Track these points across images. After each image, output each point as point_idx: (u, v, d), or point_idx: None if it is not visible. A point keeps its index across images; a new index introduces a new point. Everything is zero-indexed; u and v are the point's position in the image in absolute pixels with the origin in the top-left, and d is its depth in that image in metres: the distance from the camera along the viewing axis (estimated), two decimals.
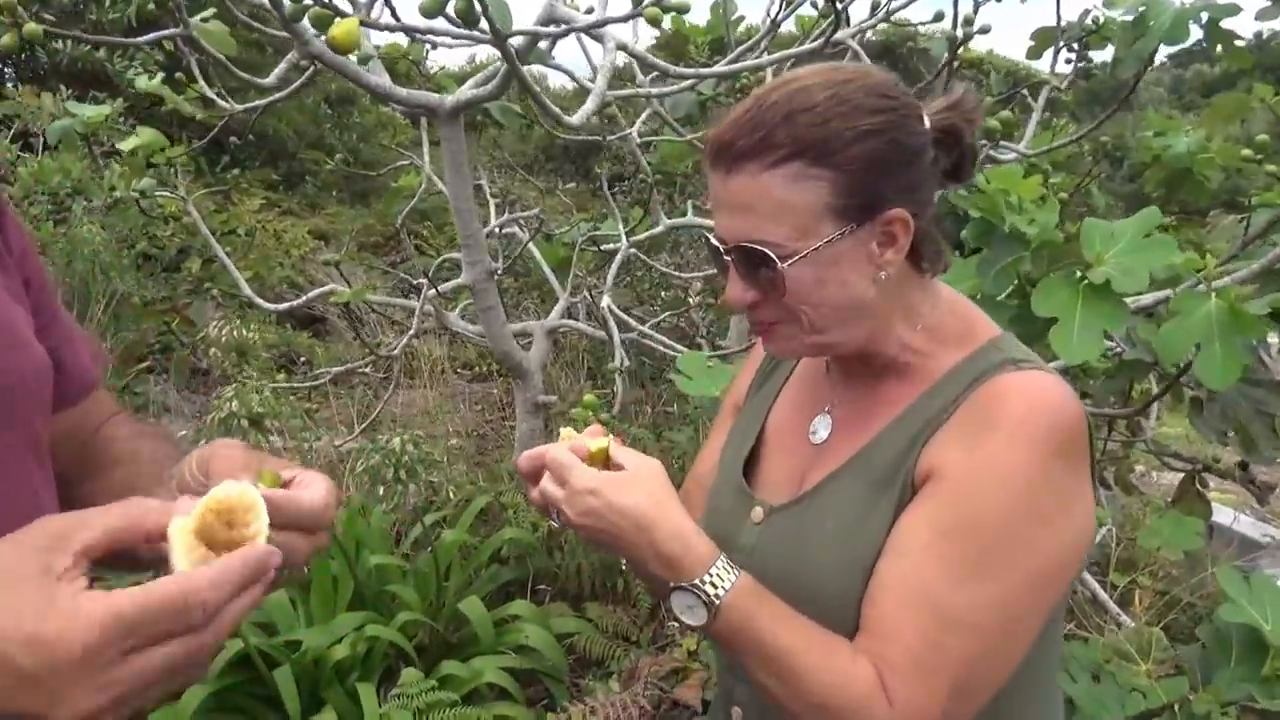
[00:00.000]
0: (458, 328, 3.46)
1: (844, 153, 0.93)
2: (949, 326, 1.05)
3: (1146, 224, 1.65)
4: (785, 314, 0.99)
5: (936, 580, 0.89)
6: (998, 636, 0.90)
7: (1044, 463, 0.91)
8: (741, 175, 0.95)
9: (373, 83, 2.64)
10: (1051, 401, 0.93)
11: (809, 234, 0.94)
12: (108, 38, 2.16)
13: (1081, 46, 3.36)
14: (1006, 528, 0.90)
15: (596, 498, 0.91)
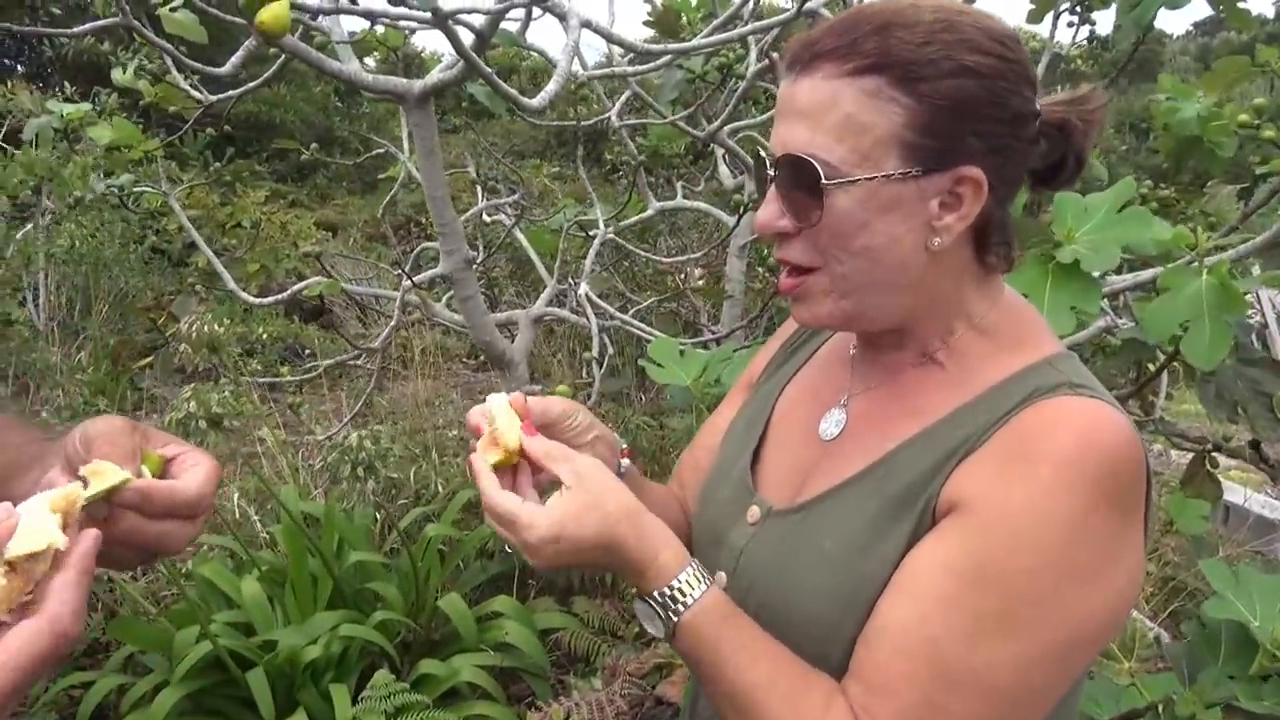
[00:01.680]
0: (442, 318, 3.39)
1: (934, 83, 0.80)
2: (1003, 332, 0.90)
3: (1120, 197, 1.55)
4: (816, 257, 0.86)
5: (947, 633, 0.77)
6: (1009, 705, 0.77)
7: (1090, 511, 0.77)
8: (813, 77, 0.83)
9: (335, 68, 2.56)
10: (1108, 440, 0.78)
11: (869, 162, 0.81)
12: (39, 29, 2.10)
13: (1084, 10, 3.22)
14: (1036, 583, 0.76)
15: (559, 544, 0.83)
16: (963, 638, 0.76)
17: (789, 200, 0.85)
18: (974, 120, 0.82)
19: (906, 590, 0.80)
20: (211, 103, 3.13)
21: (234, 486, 3.65)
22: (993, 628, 0.76)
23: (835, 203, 0.83)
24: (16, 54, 9.10)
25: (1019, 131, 0.85)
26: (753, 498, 0.99)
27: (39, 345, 4.94)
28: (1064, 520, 0.76)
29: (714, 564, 0.99)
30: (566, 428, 0.99)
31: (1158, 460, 4.33)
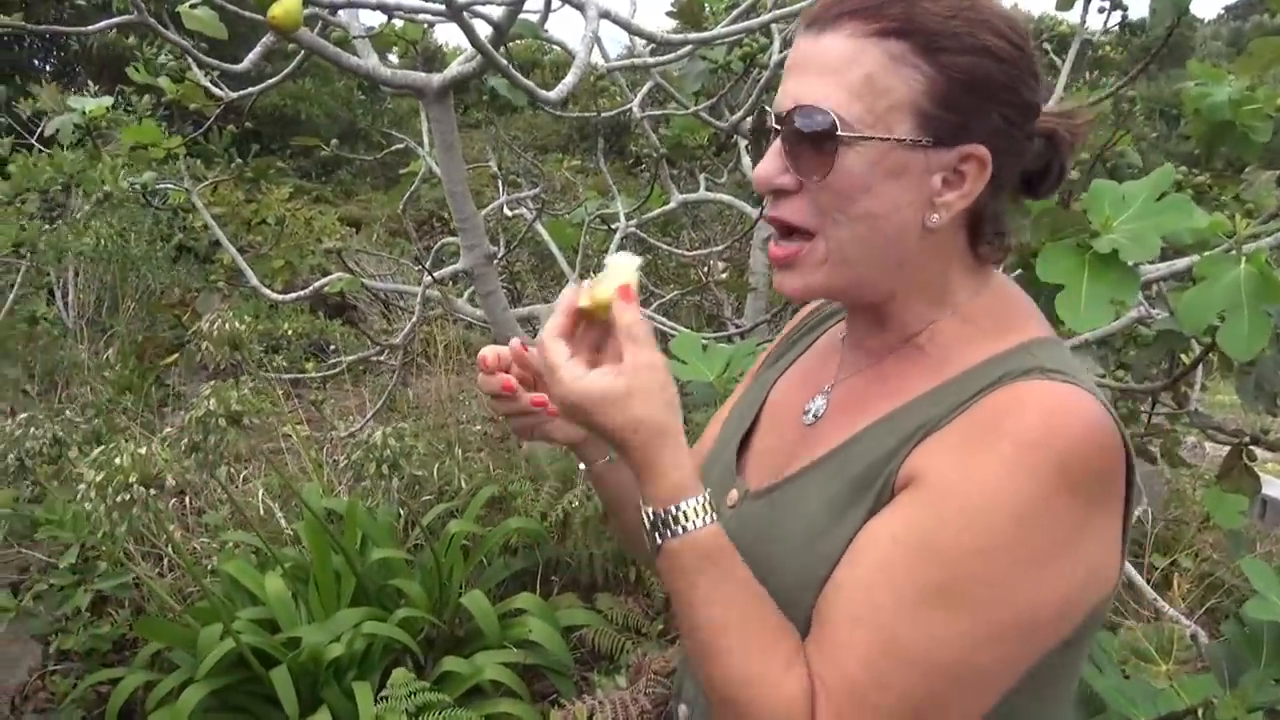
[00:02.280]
0: (464, 313, 3.37)
1: (955, 56, 0.80)
2: (987, 319, 0.89)
3: (1160, 184, 1.49)
4: (813, 219, 0.84)
5: (890, 603, 0.76)
6: (950, 683, 0.75)
7: (1048, 496, 0.74)
8: (837, 35, 0.81)
9: (353, 64, 2.54)
10: (1076, 425, 0.76)
11: (882, 124, 0.81)
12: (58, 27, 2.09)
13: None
14: (984, 560, 0.74)
15: (582, 415, 0.83)
16: (905, 609, 0.75)
17: (794, 154, 0.84)
18: (988, 100, 0.82)
19: (856, 559, 0.80)
20: (232, 99, 3.13)
21: (258, 483, 3.66)
22: (934, 601, 0.75)
23: (844, 160, 0.81)
24: (45, 54, 9.19)
25: (1024, 122, 0.85)
26: (734, 481, 1.00)
27: (67, 343, 4.98)
28: (1019, 501, 0.74)
29: None
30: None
31: (1191, 453, 4.24)
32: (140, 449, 2.10)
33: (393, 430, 2.28)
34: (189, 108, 3.34)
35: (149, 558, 3.23)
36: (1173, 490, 3.85)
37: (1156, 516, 3.14)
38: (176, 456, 2.19)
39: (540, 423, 1.00)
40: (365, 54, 2.76)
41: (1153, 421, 2.92)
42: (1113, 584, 0.82)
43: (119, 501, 2.01)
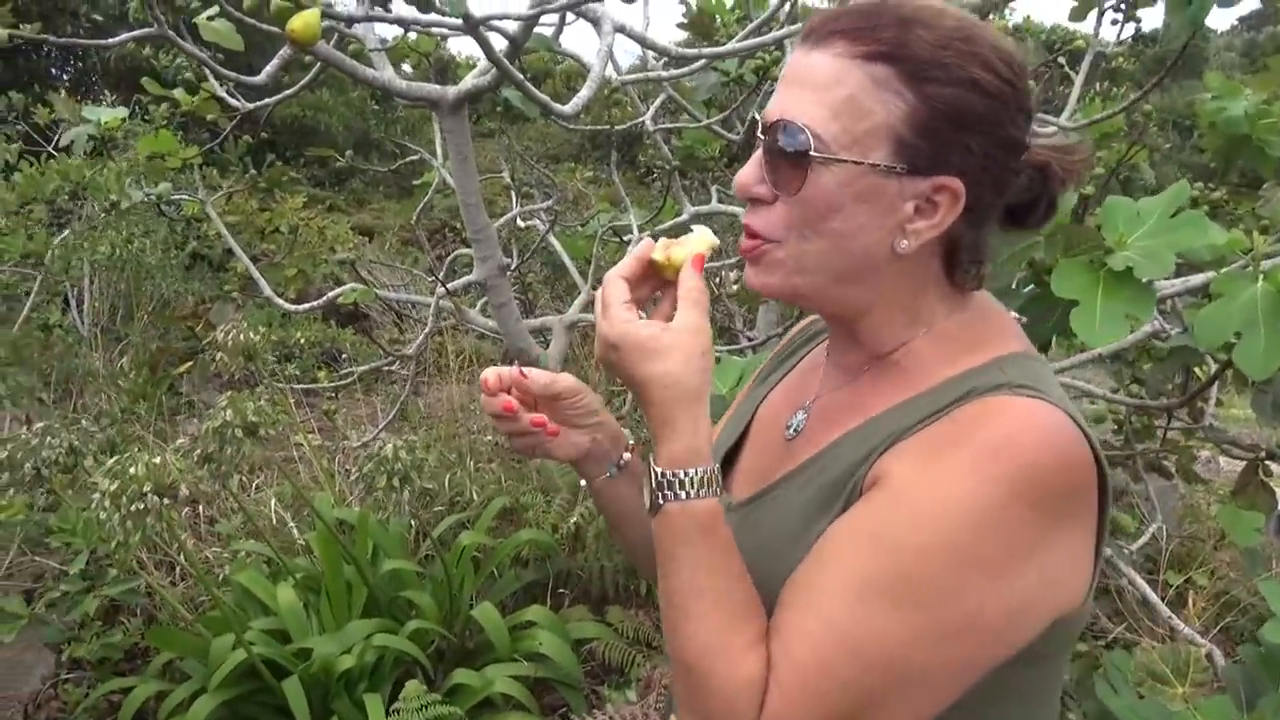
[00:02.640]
0: (477, 324, 3.38)
1: (941, 87, 0.81)
2: (961, 335, 0.90)
3: (1175, 201, 1.49)
4: (780, 229, 0.86)
5: (838, 591, 0.77)
6: (893, 678, 0.75)
7: (1004, 504, 0.75)
8: (825, 53, 0.83)
9: (369, 75, 2.55)
10: (1039, 438, 0.77)
11: (858, 146, 0.82)
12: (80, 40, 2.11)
13: (1129, 7, 3.13)
14: (931, 560, 0.75)
15: (616, 354, 0.85)
16: (851, 599, 0.76)
17: (772, 166, 0.86)
18: (967, 133, 0.83)
19: (815, 552, 0.82)
20: (249, 110, 3.15)
21: (270, 492, 3.67)
22: (880, 594, 0.76)
23: (817, 179, 0.83)
24: (62, 63, 9.27)
25: (1006, 158, 0.85)
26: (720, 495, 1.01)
27: (82, 351, 5.01)
28: (972, 508, 0.75)
29: None
30: (570, 404, 1.02)
31: (1205, 468, 4.22)
32: (155, 459, 2.11)
33: (404, 443, 2.29)
34: (205, 118, 3.36)
35: (161, 566, 3.24)
36: (1187, 506, 3.82)
37: (1171, 533, 3.12)
38: (190, 466, 2.20)
39: (541, 442, 1.02)
40: (381, 66, 2.77)
41: (1167, 436, 2.90)
42: (1080, 600, 0.82)
43: (133, 511, 2.02)
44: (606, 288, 0.87)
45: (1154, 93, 3.08)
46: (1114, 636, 2.90)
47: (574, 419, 1.03)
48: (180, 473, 2.08)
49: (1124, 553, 2.51)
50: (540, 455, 1.05)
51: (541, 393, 1.01)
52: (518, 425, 1.00)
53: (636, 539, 1.11)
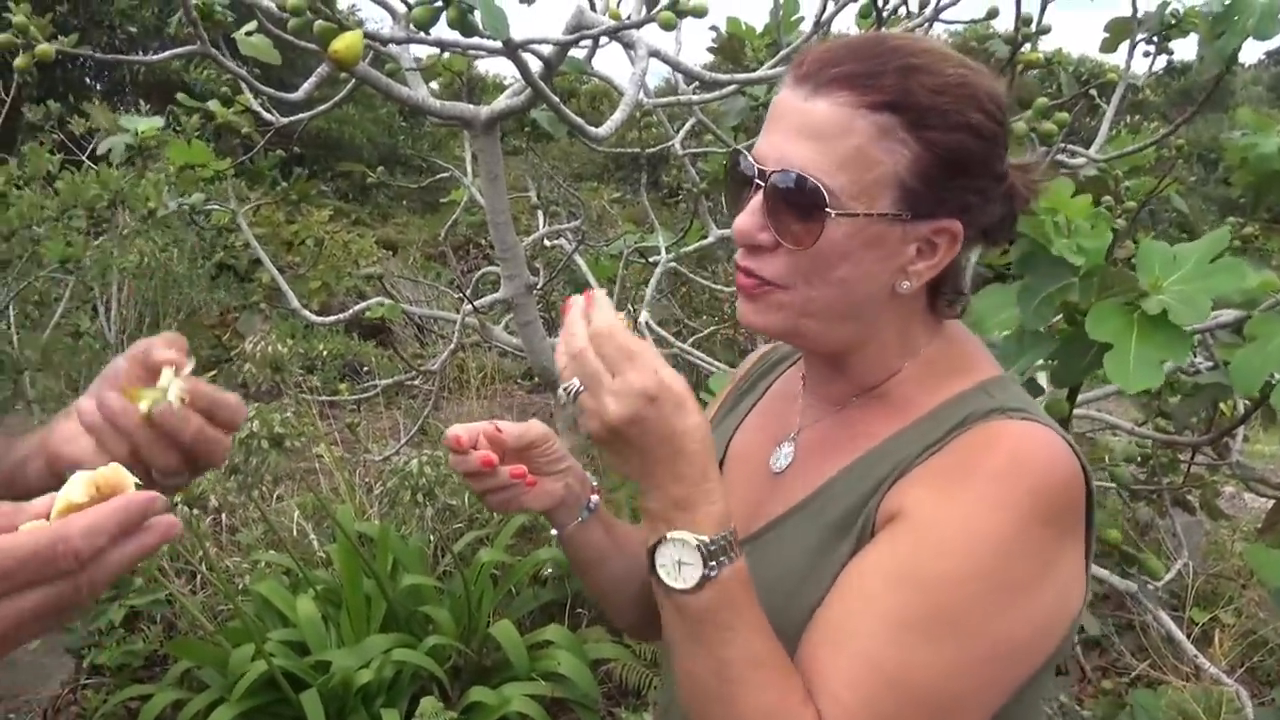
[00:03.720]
0: (501, 341, 3.39)
1: (941, 133, 0.83)
2: (942, 363, 0.92)
3: (1213, 247, 1.48)
4: (785, 276, 0.86)
5: (875, 630, 0.77)
6: (935, 705, 0.77)
7: (1023, 527, 0.78)
8: (828, 101, 0.82)
9: (404, 94, 2.58)
10: (1042, 459, 0.81)
11: (866, 197, 0.83)
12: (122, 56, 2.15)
13: (1161, 40, 3.12)
14: (966, 592, 0.77)
15: (655, 408, 0.75)
16: (889, 635, 0.77)
17: (776, 215, 0.85)
18: (965, 176, 0.85)
19: (840, 593, 0.82)
20: (282, 124, 3.19)
21: (292, 503, 3.69)
22: (916, 628, 0.77)
23: (830, 229, 0.83)
24: (97, 74, 9.41)
25: (994, 191, 0.88)
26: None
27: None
28: (994, 535, 0.78)
29: None
30: (542, 452, 1.01)
31: (1230, 503, 4.17)
32: None
33: (429, 459, 2.30)
34: (239, 130, 3.41)
35: (182, 574, 3.26)
36: (1211, 542, 3.78)
37: (1197, 570, 3.08)
38: (218, 477, 2.22)
39: (518, 495, 1.00)
40: (415, 85, 2.80)
41: (1191, 471, 2.87)
42: (1079, 610, 0.84)
43: None
44: (622, 338, 0.77)
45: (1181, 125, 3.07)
46: (1138, 674, 2.87)
47: (545, 466, 1.01)
48: (209, 483, 2.10)
49: (1149, 589, 2.49)
50: (515, 509, 1.02)
51: (516, 444, 0.99)
52: (496, 480, 0.98)
53: (609, 581, 1.10)
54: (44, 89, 8.31)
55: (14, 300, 4.11)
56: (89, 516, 0.60)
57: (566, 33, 2.31)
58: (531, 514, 1.08)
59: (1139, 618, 3.03)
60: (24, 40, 1.84)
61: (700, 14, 1.80)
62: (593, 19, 2.34)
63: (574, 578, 3.25)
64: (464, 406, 5.15)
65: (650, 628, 1.14)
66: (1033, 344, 1.49)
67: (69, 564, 0.58)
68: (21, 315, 4.39)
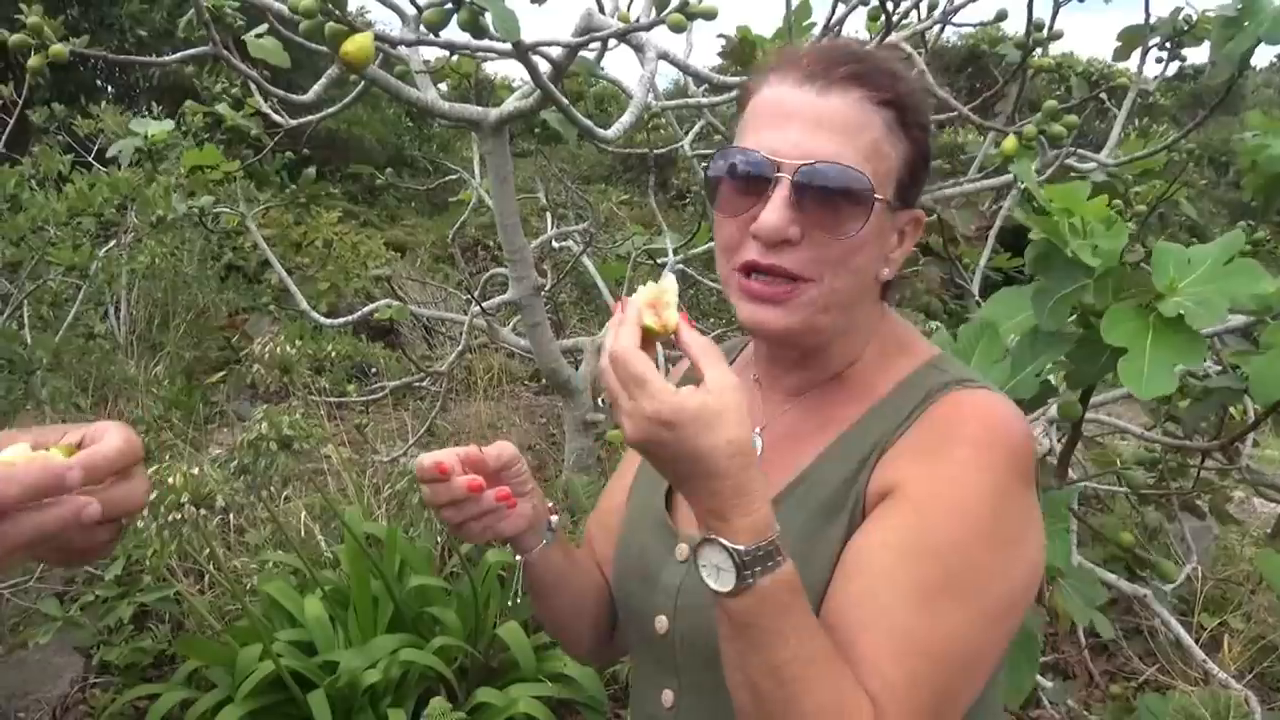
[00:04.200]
0: (509, 343, 3.40)
1: (918, 130, 0.92)
2: (890, 345, 0.99)
3: (1228, 250, 1.47)
4: (813, 268, 0.88)
5: (899, 603, 0.81)
6: (963, 665, 0.82)
7: (1006, 485, 0.85)
8: (844, 98, 0.87)
9: (414, 96, 2.60)
10: (1008, 424, 0.88)
11: (881, 188, 0.89)
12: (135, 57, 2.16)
13: (1174, 46, 3.11)
14: (971, 551, 0.83)
15: (671, 432, 0.76)
16: (915, 609, 0.80)
17: (809, 208, 0.87)
18: (924, 169, 0.94)
19: (852, 573, 0.84)
20: (292, 126, 3.20)
21: (300, 503, 3.70)
22: (937, 595, 0.81)
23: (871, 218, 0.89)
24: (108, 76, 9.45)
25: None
26: (678, 536, 1.01)
27: (119, 358, 5.08)
28: (985, 495, 0.84)
29: (649, 607, 1.00)
30: (514, 473, 1.00)
31: (1239, 508, 4.15)
32: (192, 469, 2.13)
33: None
34: (248, 132, 3.43)
35: (190, 574, 3.26)
36: (1220, 547, 3.77)
37: (1206, 574, 3.07)
38: (226, 478, 2.22)
39: (497, 520, 0.97)
40: (425, 87, 2.81)
41: (1201, 476, 2.86)
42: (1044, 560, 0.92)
43: (170, 521, 2.05)
44: (633, 365, 0.78)
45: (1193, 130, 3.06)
46: (1146, 678, 2.86)
47: (517, 488, 0.99)
48: (217, 484, 2.10)
49: (1161, 593, 2.48)
50: (492, 538, 0.99)
51: (495, 465, 0.96)
52: (479, 506, 0.94)
53: (569, 603, 1.09)
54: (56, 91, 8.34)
55: (28, 300, 4.13)
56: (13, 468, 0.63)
57: (576, 35, 2.31)
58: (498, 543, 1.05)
59: (1147, 622, 3.02)
60: (38, 40, 1.85)
61: (710, 16, 1.80)
62: (602, 21, 2.34)
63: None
64: (471, 408, 5.15)
65: (608, 647, 1.17)
66: (1046, 346, 1.49)
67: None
68: (35, 316, 4.41)
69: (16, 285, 3.98)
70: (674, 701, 0.99)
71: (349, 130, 10.21)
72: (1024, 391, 1.50)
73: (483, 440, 3.58)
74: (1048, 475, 1.84)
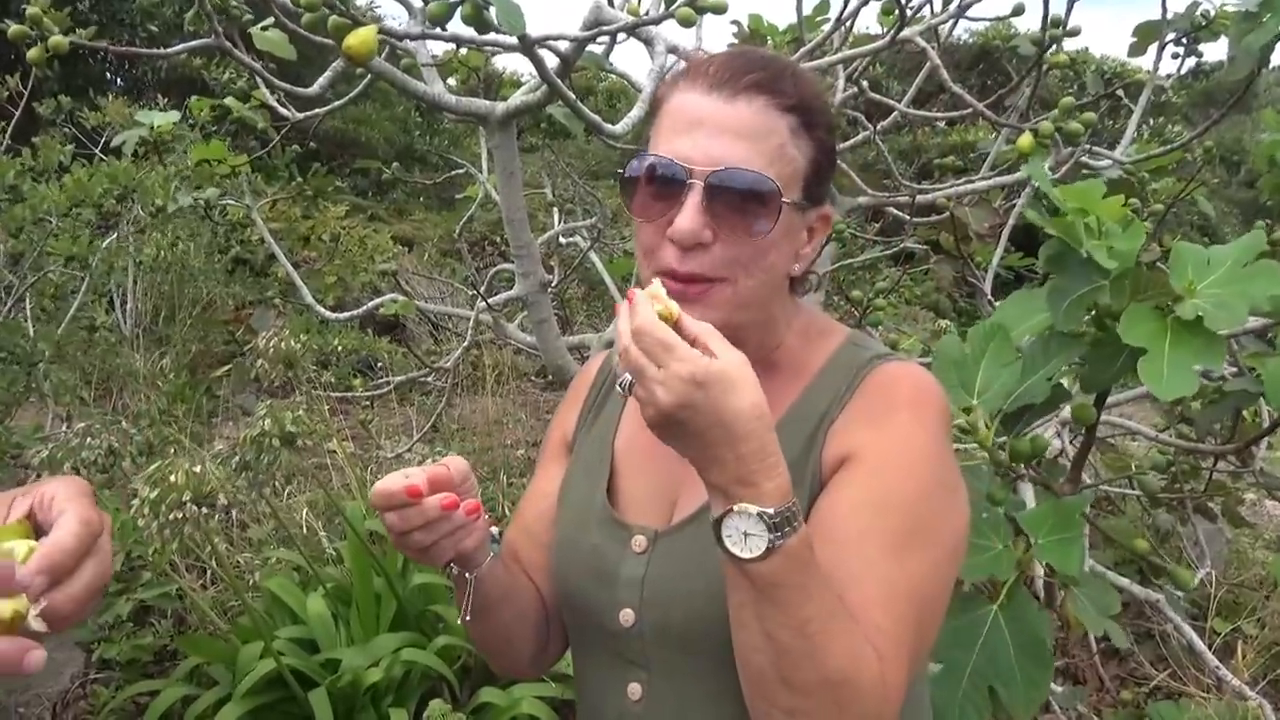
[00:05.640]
0: (515, 339, 3.37)
1: (821, 132, 0.97)
2: (810, 330, 1.06)
3: (1249, 250, 1.43)
4: (726, 268, 0.93)
5: (879, 555, 0.87)
6: (934, 602, 0.90)
7: (939, 440, 0.95)
8: (751, 105, 0.92)
9: (420, 90, 2.56)
10: (933, 388, 0.99)
11: (789, 189, 0.94)
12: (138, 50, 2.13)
13: (1190, 42, 3.07)
14: (928, 501, 0.92)
15: (703, 392, 0.77)
16: (891, 557, 0.87)
17: (720, 212, 0.91)
18: (830, 168, 1.00)
19: (828, 536, 0.88)
20: (298, 120, 3.17)
21: (302, 499, 3.68)
22: (907, 544, 0.88)
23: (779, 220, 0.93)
24: (116, 70, 9.45)
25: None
26: (630, 529, 1.02)
27: (124, 351, 5.07)
28: (928, 450, 0.94)
29: (609, 604, 1.00)
30: (468, 486, 0.96)
31: (1250, 511, 4.10)
32: (195, 467, 2.11)
33: (434, 456, 2.28)
34: (255, 126, 3.40)
35: (193, 570, 3.25)
36: (1233, 551, 3.72)
37: (1219, 579, 3.03)
38: (228, 475, 2.20)
39: (464, 538, 0.93)
40: (431, 81, 2.78)
41: (1213, 479, 2.82)
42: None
43: (171, 519, 2.02)
44: (659, 332, 0.80)
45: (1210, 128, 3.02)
46: (1157, 684, 2.82)
47: (468, 497, 0.96)
48: (219, 481, 2.08)
49: (1174, 598, 2.44)
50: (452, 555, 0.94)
51: (459, 480, 0.93)
52: (450, 524, 0.91)
53: (512, 616, 1.07)
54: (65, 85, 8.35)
55: (30, 292, 4.11)
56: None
57: (584, 29, 2.28)
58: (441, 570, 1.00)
59: (1159, 627, 2.98)
60: (37, 32, 1.82)
61: (720, 10, 1.77)
62: (611, 15, 2.31)
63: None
64: (477, 404, 5.13)
65: (544, 654, 1.15)
66: (1060, 347, 1.46)
67: None
68: (37, 308, 4.40)
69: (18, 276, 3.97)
70: (642, 694, 0.99)
71: (357, 129, 10.21)
72: (1035, 395, 1.47)
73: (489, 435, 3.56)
74: (1060, 478, 1.81)
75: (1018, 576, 1.40)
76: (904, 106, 3.12)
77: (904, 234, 3.50)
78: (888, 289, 3.42)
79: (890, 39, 2.34)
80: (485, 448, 4.45)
